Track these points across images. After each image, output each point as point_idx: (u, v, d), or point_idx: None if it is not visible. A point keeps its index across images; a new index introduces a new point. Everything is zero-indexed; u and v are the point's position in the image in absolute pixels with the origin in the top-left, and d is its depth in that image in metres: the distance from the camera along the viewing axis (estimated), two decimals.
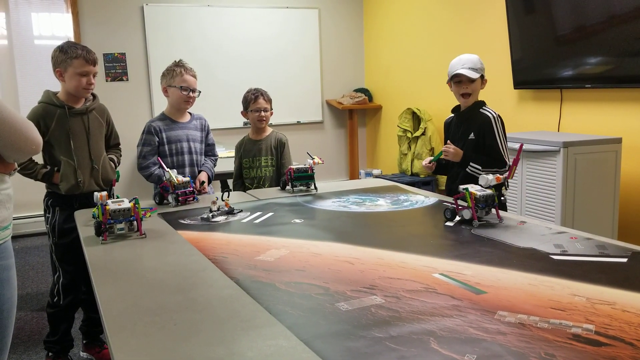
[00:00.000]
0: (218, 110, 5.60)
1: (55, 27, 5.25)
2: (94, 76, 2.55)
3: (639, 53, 3.25)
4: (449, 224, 2.00)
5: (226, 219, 2.16)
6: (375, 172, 6.08)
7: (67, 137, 2.48)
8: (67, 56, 2.44)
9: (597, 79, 3.57)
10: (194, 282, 1.46)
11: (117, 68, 5.43)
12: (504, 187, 2.09)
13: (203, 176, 2.87)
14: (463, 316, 1.20)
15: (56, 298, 2.57)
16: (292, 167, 2.66)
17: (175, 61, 2.89)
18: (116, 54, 5.42)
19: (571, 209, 3.21)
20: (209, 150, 3.05)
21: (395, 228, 2.02)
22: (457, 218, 2.01)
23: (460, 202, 2.03)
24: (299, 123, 6.13)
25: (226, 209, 2.23)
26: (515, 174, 3.22)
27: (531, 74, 4.13)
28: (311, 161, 2.64)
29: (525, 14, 4.11)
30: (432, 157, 2.68)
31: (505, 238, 1.79)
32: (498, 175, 2.04)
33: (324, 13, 6.26)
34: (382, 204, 2.37)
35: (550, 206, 3.26)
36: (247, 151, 3.14)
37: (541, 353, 1.02)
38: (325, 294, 1.35)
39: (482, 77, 2.59)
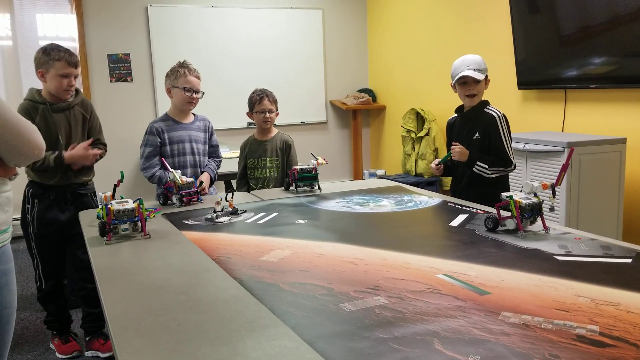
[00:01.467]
0: (222, 111, 5.62)
1: (60, 28, 5.27)
2: (75, 78, 2.61)
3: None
4: (491, 235, 1.83)
5: (230, 219, 2.16)
6: (379, 172, 6.08)
7: (50, 132, 2.54)
8: (49, 58, 2.52)
9: (602, 79, 3.56)
10: (197, 283, 1.47)
11: (121, 69, 5.44)
12: (551, 195, 1.91)
13: (204, 177, 2.88)
14: (467, 317, 1.20)
15: (39, 284, 2.73)
16: (295, 167, 2.66)
17: (179, 62, 2.89)
18: (120, 55, 5.43)
19: (575, 210, 3.20)
20: (213, 152, 3.06)
21: (399, 229, 2.02)
22: (500, 227, 1.87)
23: (502, 211, 1.88)
24: (302, 123, 6.13)
25: (230, 209, 2.24)
26: (534, 177, 3.20)
27: (535, 74, 4.12)
28: (315, 162, 2.64)
29: (529, 14, 4.11)
30: (439, 159, 2.67)
31: (510, 239, 1.78)
32: (544, 182, 1.89)
33: (327, 13, 6.26)
34: (386, 205, 2.37)
35: (557, 206, 3.25)
36: (252, 151, 3.14)
37: (545, 354, 1.02)
38: (329, 295, 1.35)
39: (485, 77, 2.60)
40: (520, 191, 1.92)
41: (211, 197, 2.69)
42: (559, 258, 1.58)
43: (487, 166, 2.50)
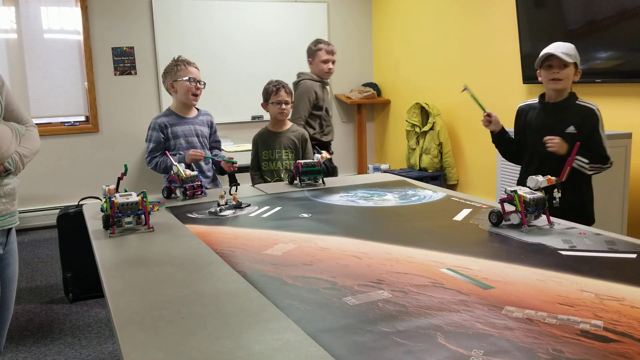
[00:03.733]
0: (226, 105, 5.62)
1: (65, 21, 5.27)
2: None
3: None
4: (494, 229, 1.83)
5: (234, 213, 2.16)
6: (384, 166, 6.06)
7: None
8: None
9: (608, 73, 3.54)
10: (201, 276, 1.47)
11: (125, 62, 5.44)
12: (556, 190, 1.88)
13: (224, 154, 2.87)
14: (470, 311, 1.20)
15: None
16: (300, 161, 2.66)
17: (174, 58, 2.91)
18: (125, 48, 5.43)
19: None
20: (216, 147, 3.06)
21: (403, 223, 2.02)
22: (504, 222, 1.87)
23: (507, 205, 1.87)
24: None
25: (234, 203, 2.24)
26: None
27: None
28: (319, 156, 2.63)
29: (535, 8, 4.08)
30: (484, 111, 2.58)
31: (513, 233, 1.78)
32: (549, 176, 1.88)
33: (332, 7, 6.24)
34: (390, 199, 2.37)
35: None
36: (266, 143, 3.10)
37: (549, 349, 1.02)
38: (332, 289, 1.35)
39: (575, 66, 2.44)
40: (525, 185, 1.91)
41: (215, 190, 2.70)
42: (563, 253, 1.58)
43: (587, 161, 2.37)
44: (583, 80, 3.74)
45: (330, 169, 3.39)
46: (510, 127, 2.71)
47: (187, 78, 2.82)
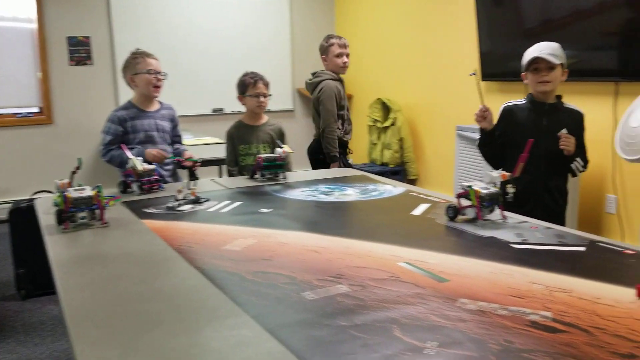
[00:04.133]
0: (186, 97, 5.53)
1: (18, 9, 5.09)
2: None
3: (602, 47, 3.33)
4: (451, 223, 1.87)
5: (192, 208, 2.14)
6: None
7: None
8: None
9: None
10: (158, 272, 1.45)
11: (81, 52, 5.30)
12: (509, 185, 1.91)
13: (188, 153, 2.81)
14: (426, 304, 1.22)
15: None
16: (261, 155, 2.64)
17: (131, 52, 2.85)
18: (80, 38, 5.28)
19: None
20: (177, 142, 3.01)
21: (363, 217, 2.04)
22: (460, 216, 1.90)
23: (462, 200, 1.91)
24: (268, 111, 6.07)
25: (192, 197, 2.21)
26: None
27: (498, 66, 4.19)
28: (281, 150, 2.63)
29: (494, 6, 4.16)
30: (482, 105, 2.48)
31: (469, 227, 1.82)
32: (504, 172, 1.91)
33: (294, 1, 6.22)
34: (351, 194, 2.38)
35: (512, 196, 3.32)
36: (243, 137, 3.03)
37: (500, 339, 1.05)
38: (291, 284, 1.35)
39: (562, 66, 2.40)
40: (480, 181, 1.95)
41: (173, 185, 2.66)
42: (515, 246, 1.62)
43: (583, 163, 2.41)
44: None
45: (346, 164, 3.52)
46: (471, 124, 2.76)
47: (146, 70, 2.77)
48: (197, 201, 2.20)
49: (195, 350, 1.04)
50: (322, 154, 3.61)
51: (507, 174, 1.91)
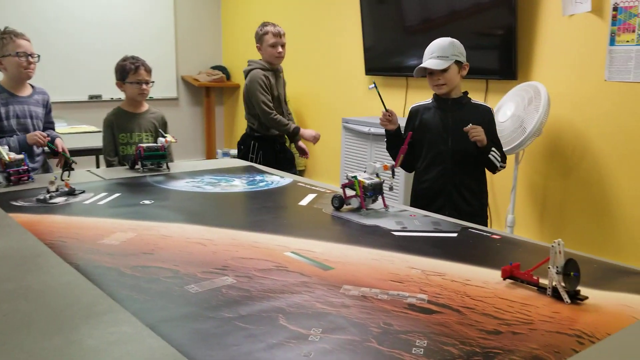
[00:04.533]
0: (60, 82, 5.16)
1: None
2: None
3: (476, 47, 3.56)
4: (336, 213, 1.91)
5: (66, 200, 2.00)
6: (233, 152, 6.03)
7: None
8: None
9: None
10: (27, 269, 1.34)
11: None
12: (390, 176, 2.00)
13: (59, 142, 2.62)
14: (311, 292, 1.24)
15: None
16: (142, 145, 2.53)
17: (0, 30, 2.61)
18: None
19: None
20: (49, 129, 2.81)
21: (250, 208, 2.03)
22: (345, 206, 1.96)
23: (347, 190, 1.97)
24: (151, 99, 5.85)
25: (66, 189, 2.07)
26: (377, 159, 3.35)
27: (381, 62, 4.35)
28: (163, 140, 2.54)
29: (377, 4, 4.31)
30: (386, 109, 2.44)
31: (353, 216, 1.87)
32: (385, 163, 1.98)
33: None
34: (238, 184, 2.36)
35: (395, 185, 3.48)
36: (123, 126, 2.84)
37: (380, 323, 1.10)
38: (174, 277, 1.32)
39: (459, 63, 2.36)
40: (364, 172, 2.02)
41: (45, 176, 2.47)
42: (396, 234, 1.70)
43: (499, 157, 2.32)
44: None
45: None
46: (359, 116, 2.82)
47: (15, 53, 2.54)
48: (71, 193, 2.07)
49: (70, 349, 0.98)
50: (252, 152, 3.47)
51: (389, 164, 1.99)
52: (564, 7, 3.18)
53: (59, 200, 2.00)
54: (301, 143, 3.59)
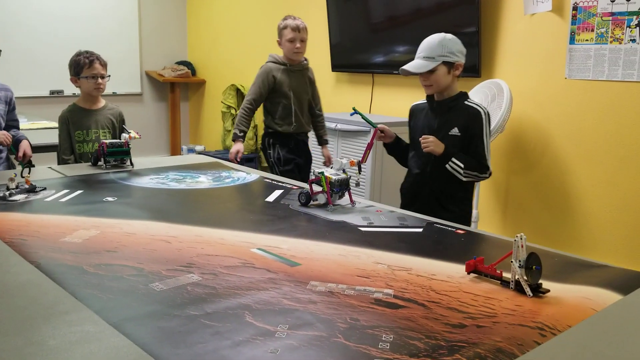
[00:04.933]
0: (20, 76, 5.01)
1: None
2: None
3: None
4: (303, 209, 1.91)
5: (27, 197, 1.95)
6: (198, 148, 5.97)
7: None
8: None
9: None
10: None
11: None
12: (357, 171, 1.99)
13: (25, 145, 2.55)
14: (278, 288, 1.24)
15: None
16: (105, 141, 2.48)
17: None
18: None
19: (379, 184, 3.48)
20: (13, 127, 2.72)
21: (216, 205, 2.01)
22: (312, 202, 1.95)
23: (315, 186, 1.96)
24: (114, 94, 5.74)
25: (27, 186, 2.02)
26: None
27: (347, 58, 4.36)
28: (127, 135, 2.49)
29: (344, 1, 4.32)
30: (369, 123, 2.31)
31: (320, 212, 1.88)
32: (352, 159, 1.97)
33: None
34: (203, 181, 2.34)
35: (362, 181, 3.50)
36: (79, 123, 2.75)
37: (347, 318, 1.10)
38: (138, 275, 1.29)
39: (449, 63, 2.20)
40: (331, 167, 2.03)
41: (4, 173, 2.40)
42: (362, 229, 1.71)
43: (462, 166, 2.15)
44: (383, 71, 4.09)
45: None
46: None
47: None
48: (32, 190, 2.01)
49: (30, 349, 0.95)
50: (269, 148, 3.29)
51: (356, 160, 2.00)
52: (526, 6, 3.25)
53: (19, 197, 1.94)
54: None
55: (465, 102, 2.26)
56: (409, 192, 2.41)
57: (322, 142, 3.41)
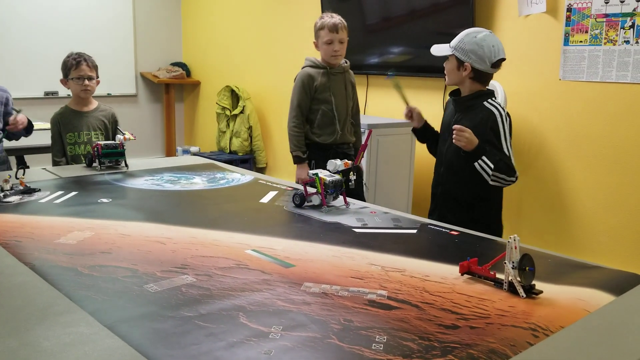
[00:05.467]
0: (15, 77, 5.00)
1: None
2: None
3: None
4: (297, 210, 1.91)
5: (21, 198, 1.95)
6: (193, 149, 5.96)
7: None
8: None
9: (399, 67, 3.90)
10: None
11: None
12: (351, 173, 1.97)
13: (20, 116, 2.59)
14: (272, 289, 1.24)
15: None
16: (99, 142, 2.48)
17: None
18: None
19: (373, 185, 3.49)
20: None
21: (211, 206, 2.01)
22: (306, 203, 1.95)
23: (309, 187, 1.97)
24: (109, 95, 5.72)
25: (21, 187, 2.01)
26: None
27: None
28: (122, 137, 2.49)
29: (339, 2, 4.32)
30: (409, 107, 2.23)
31: (314, 214, 1.88)
32: (346, 160, 1.97)
33: None
34: (198, 182, 2.34)
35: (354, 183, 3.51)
36: (70, 125, 2.75)
37: (340, 319, 1.11)
38: (133, 276, 1.30)
39: (459, 60, 2.09)
40: (325, 169, 2.03)
41: None
42: (357, 230, 1.71)
43: (492, 166, 1.99)
44: (378, 72, 4.09)
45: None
46: None
47: None
48: (26, 191, 2.01)
49: (24, 351, 0.95)
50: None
51: (350, 162, 2.01)
52: (520, 7, 3.26)
53: (14, 198, 1.94)
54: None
55: (484, 103, 2.11)
56: (430, 191, 2.27)
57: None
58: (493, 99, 2.14)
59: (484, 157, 2.00)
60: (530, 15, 3.24)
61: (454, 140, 2.02)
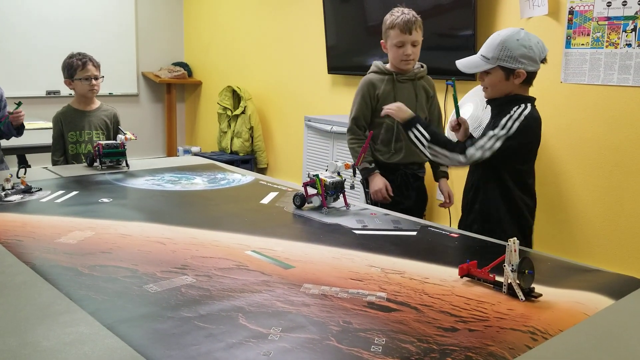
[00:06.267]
0: (17, 76, 5.01)
1: None
2: None
3: (436, 47, 3.61)
4: (298, 211, 1.91)
5: (22, 198, 1.95)
6: (194, 149, 5.97)
7: None
8: None
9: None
10: None
11: None
12: (352, 174, 1.95)
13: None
14: (271, 291, 1.25)
15: None
16: (100, 142, 2.49)
17: None
18: None
19: None
20: None
21: (211, 207, 2.02)
22: (307, 204, 1.95)
23: (309, 188, 1.96)
24: (111, 95, 5.73)
25: (22, 187, 2.02)
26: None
27: (343, 61, 4.37)
28: (123, 137, 2.49)
29: (340, 3, 4.33)
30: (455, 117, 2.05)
31: (315, 215, 1.88)
32: (347, 162, 1.96)
33: None
34: (199, 183, 2.34)
35: (357, 184, 3.51)
36: (73, 124, 2.78)
37: (340, 321, 1.11)
38: (133, 277, 1.30)
39: (505, 69, 1.88)
40: (326, 170, 2.04)
41: (0, 173, 2.40)
42: (357, 232, 1.72)
43: (429, 137, 1.92)
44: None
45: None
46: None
47: None
48: (27, 191, 2.01)
49: (25, 350, 0.96)
50: (365, 184, 2.61)
51: (350, 163, 2.01)
52: (522, 10, 3.26)
53: (15, 198, 1.94)
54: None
55: (514, 107, 1.89)
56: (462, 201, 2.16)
57: (438, 175, 2.63)
58: (523, 105, 1.90)
59: (418, 126, 1.95)
60: (532, 17, 3.24)
61: (385, 110, 2.14)
